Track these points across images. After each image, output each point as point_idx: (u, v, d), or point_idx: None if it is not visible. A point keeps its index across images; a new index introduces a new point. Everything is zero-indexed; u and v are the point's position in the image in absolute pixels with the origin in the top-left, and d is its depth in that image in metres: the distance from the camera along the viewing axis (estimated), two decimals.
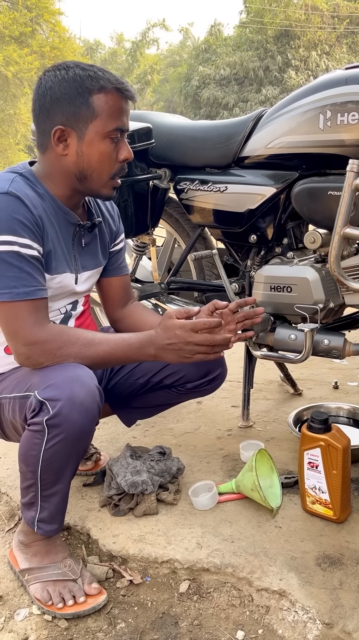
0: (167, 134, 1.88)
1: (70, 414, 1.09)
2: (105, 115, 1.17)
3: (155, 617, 1.20)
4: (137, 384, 1.48)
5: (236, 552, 1.27)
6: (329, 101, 1.45)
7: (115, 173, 1.23)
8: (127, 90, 1.19)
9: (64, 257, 1.27)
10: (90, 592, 1.21)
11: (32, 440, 1.13)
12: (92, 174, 1.21)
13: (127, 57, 29.50)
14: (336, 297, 1.59)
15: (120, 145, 1.22)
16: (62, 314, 1.34)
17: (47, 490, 1.17)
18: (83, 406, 1.10)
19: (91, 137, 1.18)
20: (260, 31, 22.07)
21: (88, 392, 1.12)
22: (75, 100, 1.15)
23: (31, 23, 17.27)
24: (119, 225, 1.47)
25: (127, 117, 1.22)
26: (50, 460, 1.13)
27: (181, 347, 1.16)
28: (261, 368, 2.33)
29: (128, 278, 1.52)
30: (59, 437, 1.11)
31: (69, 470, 1.17)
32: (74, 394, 1.09)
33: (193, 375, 1.45)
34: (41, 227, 1.18)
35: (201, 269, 2.05)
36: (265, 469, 1.48)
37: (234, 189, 1.71)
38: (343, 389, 2.19)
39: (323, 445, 1.31)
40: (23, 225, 1.13)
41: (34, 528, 1.21)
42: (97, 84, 1.16)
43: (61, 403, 1.09)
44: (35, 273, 1.16)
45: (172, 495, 1.46)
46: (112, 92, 1.17)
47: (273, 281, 1.65)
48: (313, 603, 1.13)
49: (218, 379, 1.49)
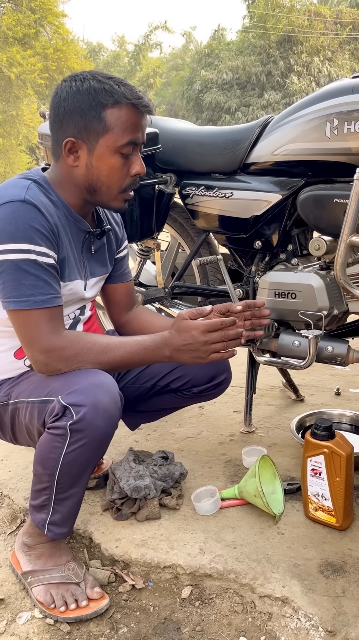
0: (173, 139, 1.88)
1: (95, 420, 1.10)
2: (118, 130, 1.16)
3: (157, 623, 1.20)
4: (144, 388, 1.48)
5: (238, 558, 1.27)
6: (336, 109, 1.45)
7: (126, 187, 1.23)
8: (144, 106, 1.18)
9: (75, 264, 1.28)
10: (93, 596, 1.21)
11: (52, 444, 1.14)
12: (102, 188, 1.21)
13: (129, 60, 29.56)
14: (340, 304, 1.60)
15: (133, 159, 1.21)
16: (71, 319, 1.35)
17: (62, 494, 1.18)
18: (107, 412, 1.12)
19: (101, 151, 1.17)
20: (262, 36, 22.11)
21: (112, 398, 1.14)
22: (87, 113, 1.15)
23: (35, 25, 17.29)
24: (123, 232, 1.49)
25: (142, 132, 1.21)
26: (69, 465, 1.14)
27: (197, 347, 1.16)
28: (264, 373, 2.34)
29: (132, 284, 1.54)
30: (81, 442, 1.12)
31: (87, 474, 1.19)
32: (98, 400, 1.11)
33: (199, 379, 1.46)
34: (57, 235, 1.19)
35: (206, 274, 2.06)
36: (268, 475, 1.48)
37: (240, 195, 1.72)
38: (344, 395, 2.20)
39: (326, 453, 1.32)
40: (40, 233, 1.14)
41: (44, 530, 1.21)
42: (111, 99, 1.14)
43: (86, 409, 1.10)
44: (51, 281, 1.16)
45: (174, 500, 1.46)
46: (127, 107, 1.16)
47: (277, 287, 1.66)
48: (315, 610, 1.13)
49: (224, 384, 1.50)
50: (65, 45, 18.19)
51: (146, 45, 28.76)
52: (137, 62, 28.58)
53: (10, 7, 17.29)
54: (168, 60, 32.64)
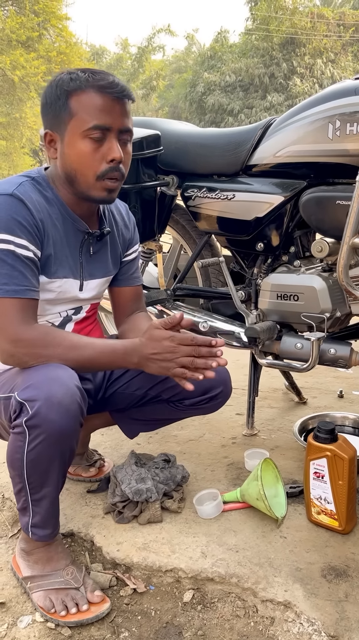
0: (175, 141, 1.88)
1: (49, 414, 1.08)
2: (82, 114, 1.16)
3: (159, 627, 1.19)
4: (135, 396, 1.45)
5: (241, 562, 1.27)
6: (339, 111, 1.45)
7: (102, 173, 1.19)
8: (109, 88, 1.16)
9: (68, 263, 1.27)
10: (94, 600, 1.20)
11: (15, 443, 1.12)
12: (77, 176, 1.20)
13: (132, 63, 29.63)
14: (342, 306, 1.59)
15: (108, 145, 1.18)
16: (61, 317, 1.34)
17: (36, 494, 1.16)
18: (62, 406, 1.09)
19: (70, 138, 1.18)
20: (265, 38, 22.14)
21: (67, 391, 1.10)
22: (55, 104, 1.18)
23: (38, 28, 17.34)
24: (134, 235, 1.46)
25: (112, 115, 1.17)
26: (34, 463, 1.12)
27: (165, 357, 1.14)
28: (266, 376, 2.33)
29: (139, 289, 1.51)
30: (39, 438, 1.09)
31: (55, 472, 1.15)
32: (52, 394, 1.08)
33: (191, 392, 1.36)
34: (41, 231, 1.19)
35: (208, 276, 2.05)
36: (270, 478, 1.47)
37: (242, 197, 1.71)
38: (347, 397, 2.19)
39: (329, 456, 1.31)
40: (21, 226, 1.15)
41: (29, 534, 1.20)
42: (74, 84, 1.16)
43: (39, 403, 1.08)
44: (28, 273, 1.16)
45: (176, 504, 1.46)
46: (89, 90, 1.16)
47: (279, 289, 1.65)
48: (318, 615, 1.13)
49: (219, 398, 1.43)
50: (68, 48, 18.24)
51: (149, 48, 28.83)
52: (140, 65, 28.64)
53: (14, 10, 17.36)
54: (171, 63, 32.70)
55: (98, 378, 1.45)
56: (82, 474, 1.64)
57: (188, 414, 1.50)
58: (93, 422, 1.60)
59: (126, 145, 1.23)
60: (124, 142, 1.23)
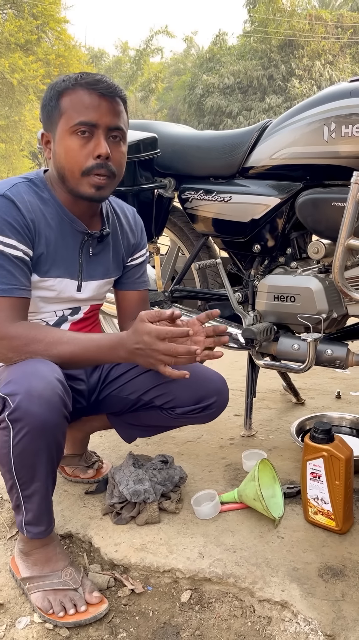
0: (172, 144, 1.89)
1: (30, 407, 1.08)
2: (70, 111, 1.18)
3: (157, 627, 1.19)
4: (129, 400, 1.44)
5: (238, 562, 1.27)
6: (334, 113, 1.46)
7: (88, 169, 1.20)
8: (94, 84, 1.18)
9: (64, 263, 1.28)
10: (92, 600, 1.21)
11: (2, 439, 1.12)
12: (65, 173, 1.22)
13: (131, 65, 29.68)
14: (339, 307, 1.60)
15: (95, 141, 1.19)
16: (57, 316, 1.34)
17: (26, 490, 1.16)
18: (43, 398, 1.09)
19: (59, 135, 1.20)
20: (264, 40, 22.19)
21: (47, 384, 1.10)
22: (48, 105, 1.22)
23: (37, 31, 17.39)
24: (140, 240, 1.46)
25: (97, 112, 1.18)
26: (21, 458, 1.12)
27: (147, 353, 1.14)
28: (264, 377, 2.33)
29: (145, 293, 1.50)
30: (23, 432, 1.09)
31: (43, 467, 1.14)
32: (32, 387, 1.09)
33: (183, 400, 1.38)
34: (32, 231, 1.20)
35: (205, 277, 2.06)
36: (267, 479, 1.48)
37: (238, 199, 1.72)
38: (345, 398, 2.19)
39: (325, 456, 1.32)
40: (11, 226, 1.17)
41: (23, 532, 1.21)
42: (64, 85, 1.20)
43: (20, 397, 1.08)
44: (17, 272, 1.18)
45: (174, 504, 1.46)
46: (77, 89, 1.19)
47: (276, 291, 1.66)
48: (315, 615, 1.13)
49: (213, 408, 1.40)
50: (67, 51, 18.30)
51: (147, 50, 28.88)
52: (139, 67, 28.69)
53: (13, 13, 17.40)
54: (169, 65, 32.76)
55: (93, 380, 1.46)
56: (80, 475, 1.64)
57: (182, 423, 1.48)
58: (92, 424, 1.61)
59: (118, 143, 1.23)
60: (116, 141, 1.23)
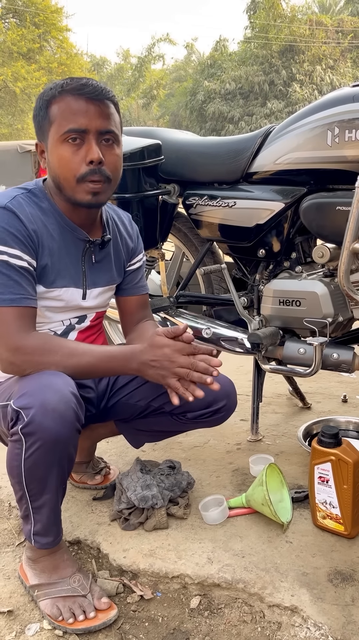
0: (176, 150, 1.90)
1: (44, 421, 1.08)
2: (59, 119, 1.18)
3: (166, 633, 1.19)
4: (138, 406, 1.44)
5: (247, 568, 1.27)
6: (337, 118, 1.47)
7: (82, 176, 1.19)
8: (80, 89, 1.18)
9: (68, 272, 1.28)
10: (101, 607, 1.21)
11: (13, 451, 1.13)
12: (61, 181, 1.22)
13: (133, 72, 29.84)
14: (345, 311, 1.60)
15: (87, 147, 1.19)
16: (64, 325, 1.35)
17: (36, 502, 1.16)
18: (57, 412, 1.09)
19: (51, 145, 1.21)
20: (264, 46, 22.30)
21: (62, 398, 1.10)
22: (39, 114, 1.23)
23: (39, 39, 17.52)
24: (137, 245, 1.47)
25: (86, 117, 1.17)
26: (31, 470, 1.12)
27: (163, 364, 1.15)
28: (270, 381, 2.33)
29: (145, 297, 1.52)
30: (36, 445, 1.09)
31: (54, 479, 1.15)
32: (46, 401, 1.09)
33: (194, 405, 1.37)
34: (35, 242, 1.21)
35: (210, 283, 2.06)
36: (275, 484, 1.48)
37: (242, 204, 1.73)
38: (351, 402, 2.19)
39: (333, 460, 1.31)
40: (14, 237, 1.17)
41: (32, 542, 1.21)
42: (51, 93, 1.19)
43: (33, 410, 1.08)
44: (23, 282, 1.18)
45: (182, 510, 1.46)
46: (66, 96, 1.18)
47: (281, 295, 1.66)
48: (325, 619, 1.13)
49: (223, 411, 1.40)
50: (69, 59, 18.44)
51: (149, 57, 29.04)
52: (140, 74, 28.85)
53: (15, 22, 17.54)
54: (171, 72, 32.93)
55: (101, 387, 1.46)
56: (88, 481, 1.65)
57: (191, 427, 1.49)
58: (98, 431, 1.61)
59: (111, 146, 1.23)
60: (109, 144, 1.22)
